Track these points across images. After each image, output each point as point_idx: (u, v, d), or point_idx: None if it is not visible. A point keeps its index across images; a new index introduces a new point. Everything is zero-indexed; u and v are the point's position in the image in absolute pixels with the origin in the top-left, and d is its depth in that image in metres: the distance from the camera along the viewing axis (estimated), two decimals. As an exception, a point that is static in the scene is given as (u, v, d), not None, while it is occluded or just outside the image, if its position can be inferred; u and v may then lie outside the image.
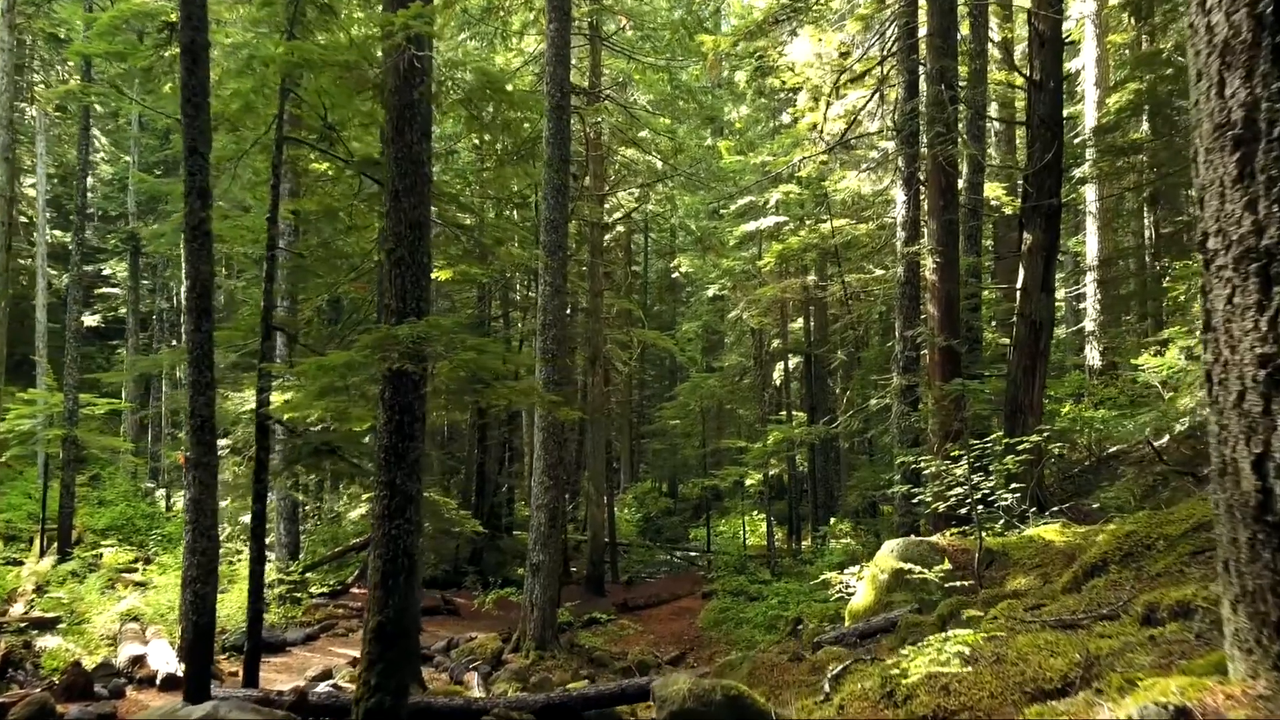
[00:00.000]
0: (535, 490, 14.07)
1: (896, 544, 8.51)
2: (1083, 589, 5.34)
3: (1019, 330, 12.21)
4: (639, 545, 29.75)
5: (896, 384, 12.78)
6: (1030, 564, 7.67)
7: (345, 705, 7.85)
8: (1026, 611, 4.86)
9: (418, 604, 11.12)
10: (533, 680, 13.02)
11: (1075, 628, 3.93)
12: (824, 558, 17.11)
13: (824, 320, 25.48)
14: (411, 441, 6.76)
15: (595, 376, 21.15)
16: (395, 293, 6.80)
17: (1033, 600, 5.36)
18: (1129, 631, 3.43)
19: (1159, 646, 3.05)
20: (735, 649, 15.45)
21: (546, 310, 14.10)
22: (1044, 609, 4.77)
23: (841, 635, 7.66)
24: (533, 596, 13.85)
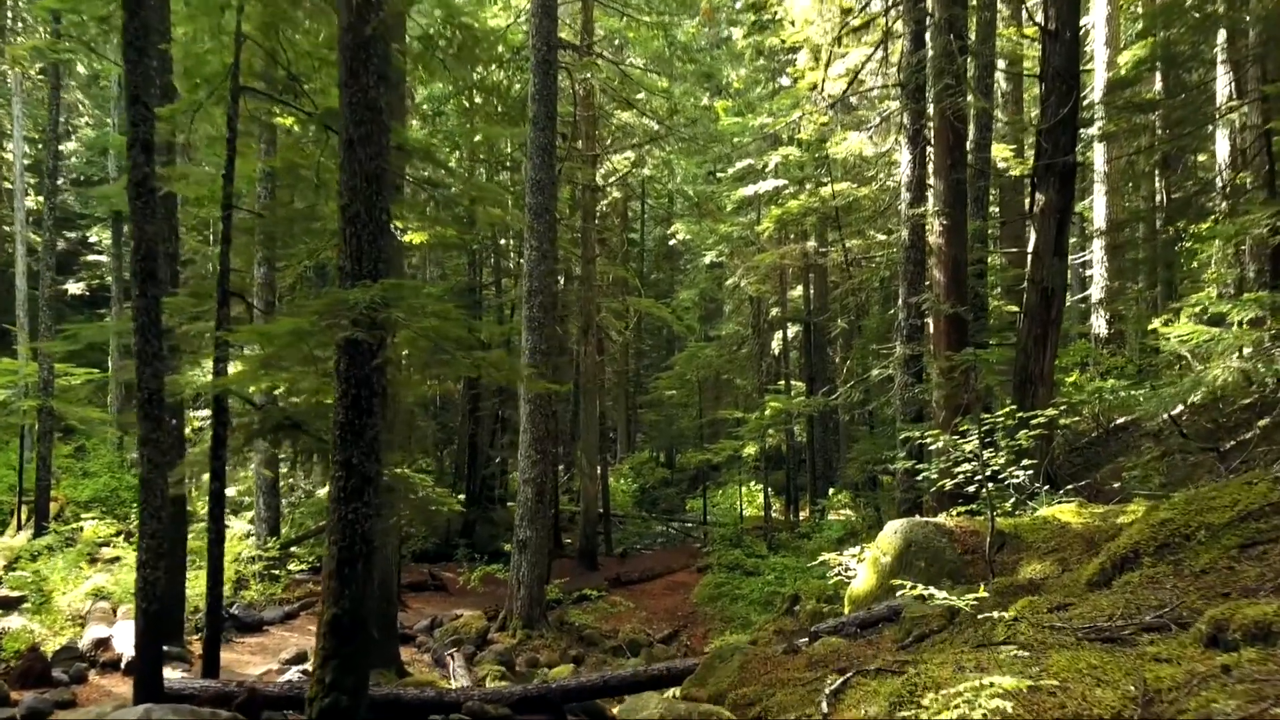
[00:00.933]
0: (523, 464, 13.50)
1: (900, 525, 7.93)
2: (1113, 584, 4.75)
3: (1030, 297, 11.56)
4: (635, 517, 29.29)
5: (899, 354, 12.16)
6: (1045, 548, 7.09)
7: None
8: (1051, 612, 4.27)
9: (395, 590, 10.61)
10: (519, 660, 12.56)
11: (1117, 642, 3.33)
12: (822, 532, 16.60)
13: (824, 288, 24.80)
14: (369, 417, 6.15)
15: (588, 346, 20.52)
16: (349, 253, 6.15)
17: (1056, 597, 4.77)
18: (1191, 654, 2.84)
19: (1239, 683, 2.46)
20: (730, 627, 14.98)
21: (532, 276, 13.45)
22: (1072, 610, 4.18)
23: (841, 624, 7.10)
24: (520, 574, 13.33)
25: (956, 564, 7.38)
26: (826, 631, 7.09)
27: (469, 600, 15.51)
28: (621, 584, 18.42)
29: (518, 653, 12.78)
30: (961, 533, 7.67)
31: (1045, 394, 11.23)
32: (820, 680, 5.58)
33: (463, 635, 12.76)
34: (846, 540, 16.00)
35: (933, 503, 11.09)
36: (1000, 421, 7.54)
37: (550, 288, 13.72)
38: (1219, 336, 7.50)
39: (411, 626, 13.34)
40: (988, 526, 7.68)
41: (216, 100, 8.85)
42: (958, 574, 7.32)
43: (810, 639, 7.02)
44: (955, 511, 8.73)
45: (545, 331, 13.45)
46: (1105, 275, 21.80)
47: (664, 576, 19.53)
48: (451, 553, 22.83)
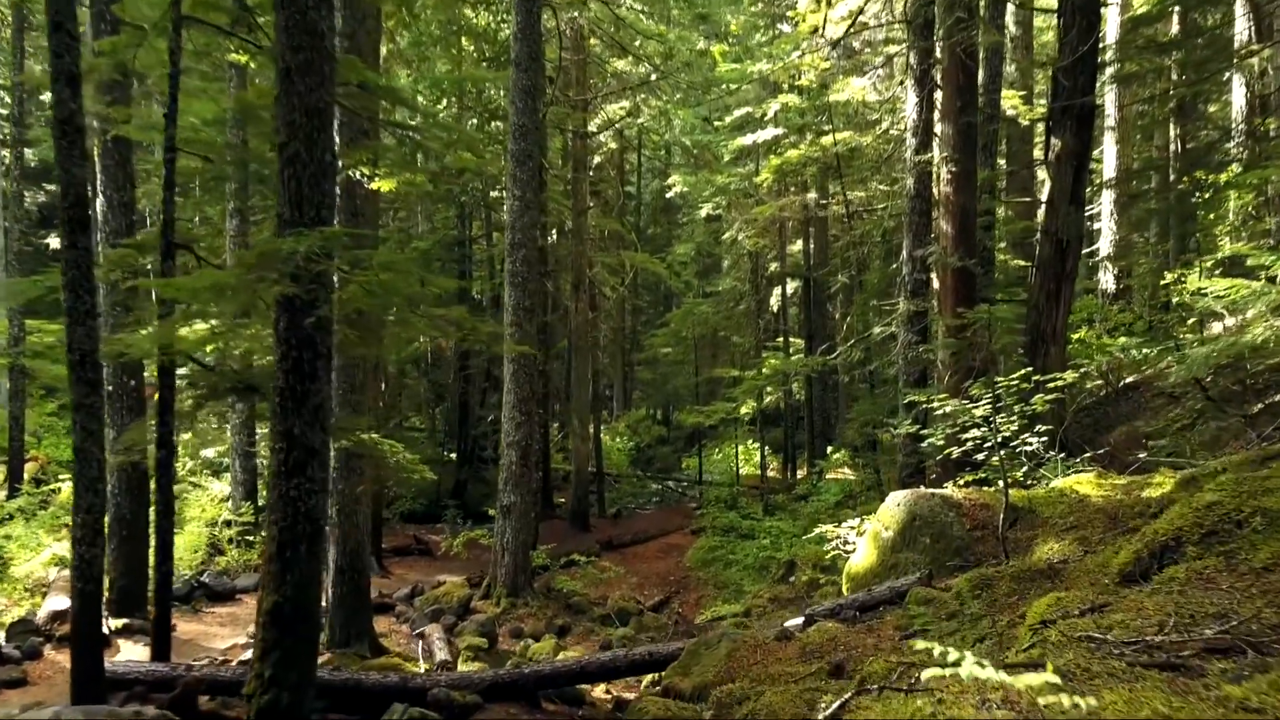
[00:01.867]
0: (506, 426, 12.87)
1: (903, 496, 7.32)
2: (1152, 578, 4.13)
3: (1043, 249, 10.85)
4: (630, 476, 28.80)
5: (903, 310, 11.47)
6: (1063, 524, 6.47)
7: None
8: (1085, 615, 3.64)
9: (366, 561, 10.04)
10: (502, 631, 12.05)
11: (1180, 670, 2.70)
12: (819, 495, 16.05)
13: (824, 241, 24.00)
14: (313, 382, 5.49)
15: (579, 302, 19.81)
16: (288, 198, 5.44)
17: (1087, 593, 4.14)
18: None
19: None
20: (723, 594, 14.48)
21: (515, 228, 12.71)
22: (1110, 614, 3.55)
23: (838, 607, 6.51)
24: (504, 540, 12.78)
25: (964, 541, 6.78)
26: (823, 614, 6.51)
27: (454, 566, 15.01)
28: (613, 547, 17.92)
29: (501, 622, 12.28)
30: (970, 506, 7.06)
31: (1058, 353, 10.58)
32: (816, 679, 4.99)
33: (444, 604, 12.24)
34: (845, 504, 15.46)
35: (937, 469, 10.49)
36: (1014, 384, 6.89)
37: (534, 240, 12.98)
38: (1260, 291, 6.83)
39: (391, 595, 12.82)
40: (999, 499, 7.07)
41: (159, 33, 8.05)
42: (965, 552, 6.73)
43: (805, 623, 6.44)
44: (962, 480, 8.12)
45: (530, 287, 12.74)
46: (1114, 228, 21.04)
47: (657, 539, 19.03)
48: (441, 513, 22.32)
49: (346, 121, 9.77)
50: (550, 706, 7.00)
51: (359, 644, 9.80)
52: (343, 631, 9.79)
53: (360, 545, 9.88)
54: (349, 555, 9.81)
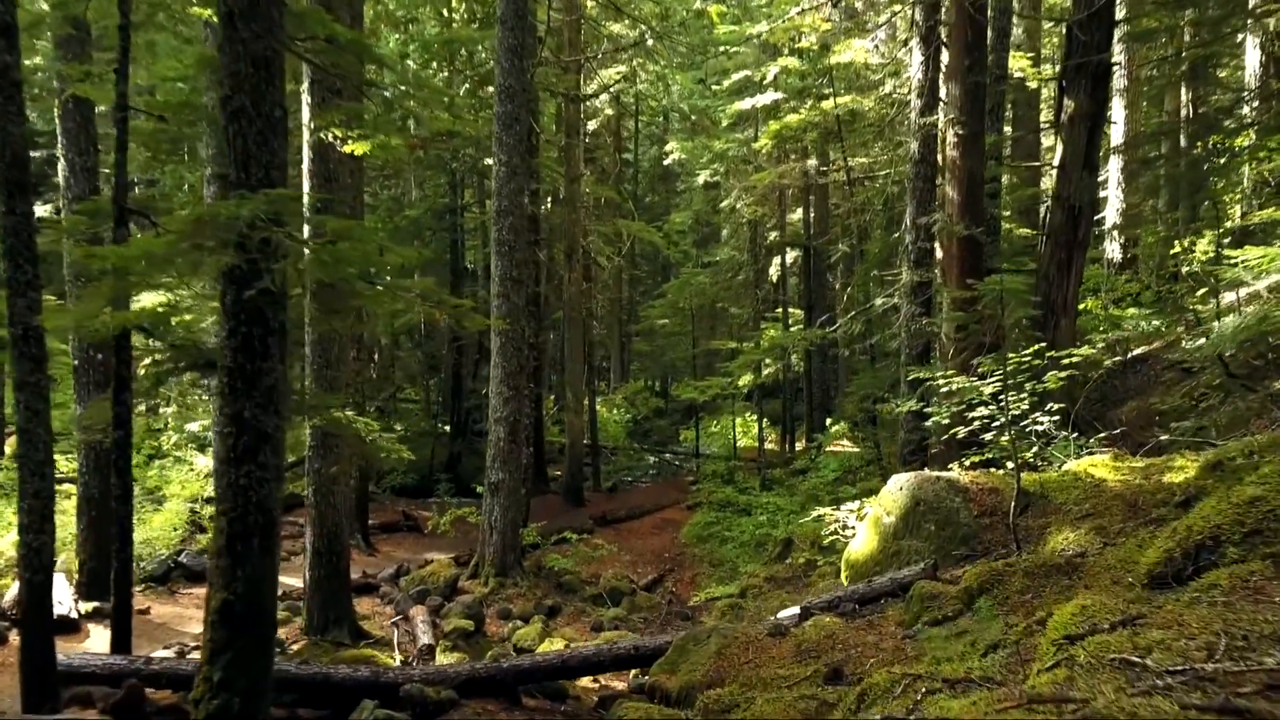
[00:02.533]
0: (494, 402, 12.42)
1: (907, 480, 6.88)
2: (1188, 582, 3.69)
3: (1054, 216, 10.36)
4: (626, 448, 28.45)
5: (906, 280, 10.98)
6: (1078, 512, 6.04)
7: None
8: (1116, 630, 3.20)
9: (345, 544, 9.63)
10: (489, 612, 11.68)
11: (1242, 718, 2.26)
12: (818, 471, 15.65)
13: (825, 210, 23.42)
14: (264, 361, 5.01)
15: (573, 272, 19.29)
16: (234, 158, 4.93)
17: (1114, 600, 3.70)
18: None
19: None
20: (718, 572, 14.12)
21: (502, 194, 12.18)
22: (1147, 631, 3.11)
23: (836, 599, 6.09)
24: (492, 518, 12.38)
25: (971, 528, 6.35)
26: (820, 607, 6.09)
27: (443, 543, 14.64)
28: (607, 523, 17.55)
29: (489, 603, 11.90)
30: (978, 490, 6.62)
31: (1069, 326, 10.12)
32: (812, 684, 4.58)
33: (430, 585, 11.86)
34: (844, 479, 15.06)
35: (940, 446, 10.05)
36: (1027, 360, 6.44)
37: (522, 207, 12.45)
38: (1295, 261, 6.36)
39: (376, 575, 12.44)
40: (1008, 484, 6.64)
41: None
42: (973, 540, 6.30)
43: (801, 615, 6.03)
44: (968, 461, 7.68)
45: (517, 256, 12.23)
46: (1122, 196, 20.49)
47: (652, 514, 18.66)
48: (434, 487, 21.98)
49: (318, 80, 9.24)
50: (530, 702, 6.60)
51: (338, 629, 9.42)
52: (321, 616, 9.41)
53: (338, 526, 9.46)
54: (326, 537, 9.39)
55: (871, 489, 13.81)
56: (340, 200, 9.29)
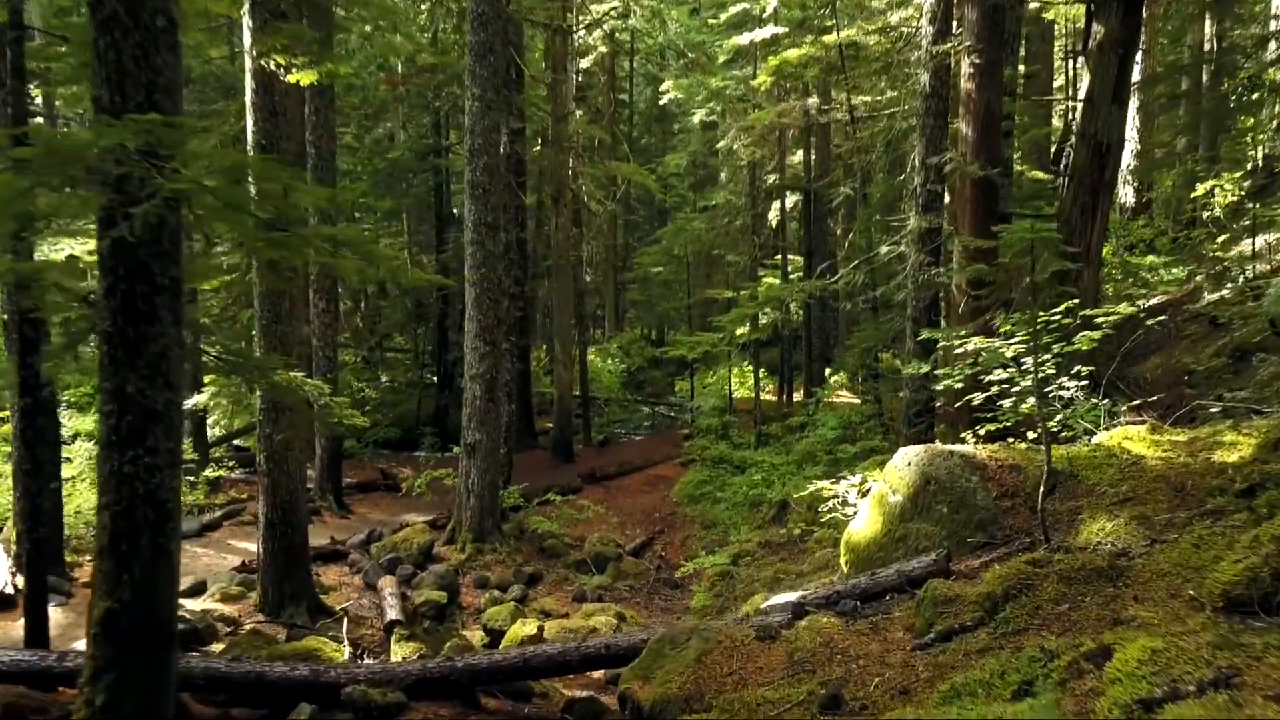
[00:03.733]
0: (469, 358, 11.60)
1: (914, 454, 6.08)
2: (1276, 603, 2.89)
3: (1078, 154, 9.42)
4: (619, 401, 27.69)
5: (913, 226, 10.06)
6: (1114, 495, 5.24)
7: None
8: (1203, 693, 2.40)
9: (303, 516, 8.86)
10: (465, 581, 11.00)
11: None
12: (816, 428, 14.88)
13: (826, 153, 22.31)
14: (150, 325, 4.18)
15: (560, 217, 18.31)
16: (104, 76, 4.02)
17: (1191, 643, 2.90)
18: None
19: None
20: (711, 534, 13.41)
21: (475, 131, 11.21)
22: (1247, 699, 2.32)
23: (835, 595, 5.33)
24: (469, 481, 11.65)
25: (991, 512, 5.56)
26: (816, 603, 5.33)
27: (422, 504, 13.93)
28: (596, 480, 16.84)
29: (466, 570, 11.23)
30: (996, 468, 5.82)
31: (1092, 276, 9.26)
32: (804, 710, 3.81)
33: (402, 552, 11.16)
34: (844, 438, 14.30)
35: (948, 407, 9.24)
36: (1056, 319, 5.59)
37: (497, 145, 11.48)
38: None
39: (345, 541, 11.73)
40: (1031, 460, 5.84)
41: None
42: (991, 525, 5.51)
43: (794, 612, 5.27)
44: (983, 431, 6.87)
45: (493, 200, 11.30)
46: (1137, 138, 19.44)
47: (643, 470, 17.95)
48: (419, 441, 21.26)
49: (259, 1, 8.24)
50: (490, 703, 5.89)
51: (294, 606, 8.72)
52: (276, 592, 8.71)
53: (293, 496, 8.70)
54: (280, 508, 8.64)
55: (873, 448, 13.06)
56: (287, 136, 8.35)
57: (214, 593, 9.00)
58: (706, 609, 10.11)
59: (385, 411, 22.77)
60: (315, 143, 13.04)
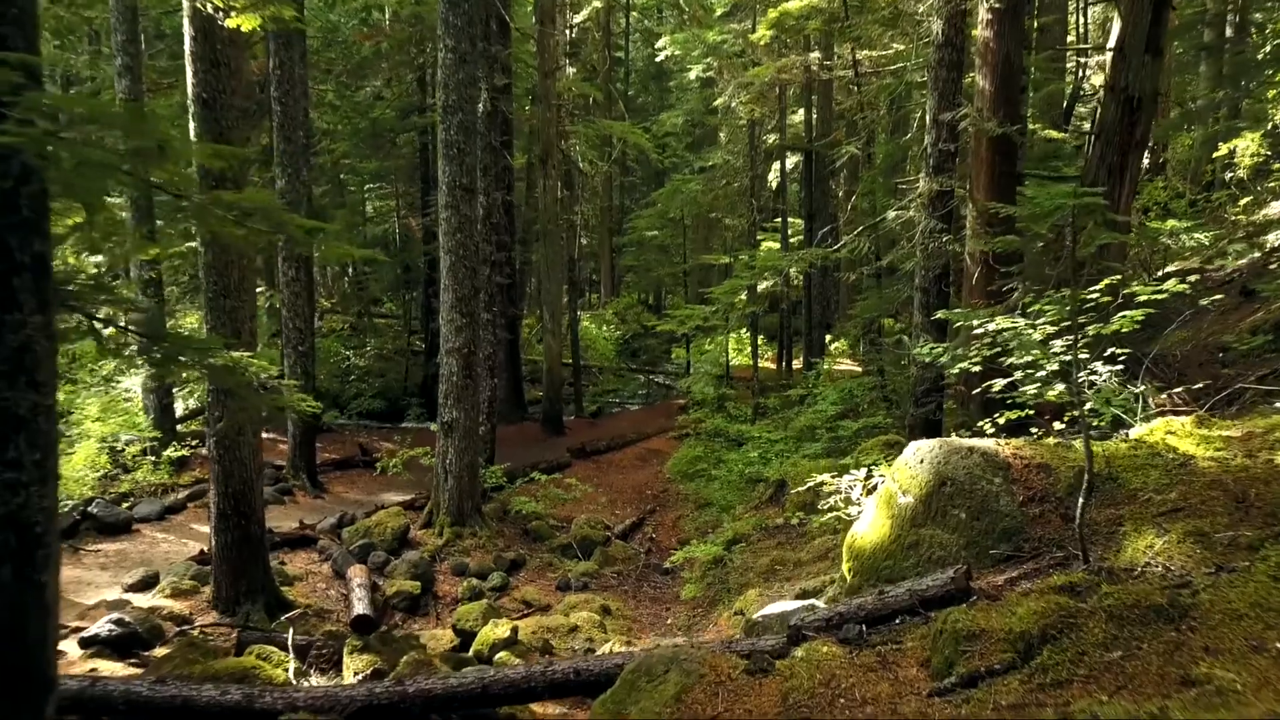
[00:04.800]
0: (444, 330, 10.86)
1: (928, 450, 5.36)
2: None
3: (1106, 110, 8.60)
4: (614, 369, 26.96)
5: (924, 189, 9.27)
6: (1161, 503, 4.53)
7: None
8: None
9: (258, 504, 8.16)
10: (442, 568, 10.37)
11: None
12: (816, 404, 14.17)
13: (829, 111, 21.35)
14: (8, 312, 3.42)
15: (548, 179, 17.44)
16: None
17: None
18: None
19: None
20: (704, 516, 12.73)
21: (449, 86, 10.36)
22: None
23: (836, 616, 4.63)
24: (446, 461, 10.96)
25: (1016, 520, 4.85)
26: (816, 626, 4.63)
27: (401, 482, 13.26)
28: (587, 454, 16.18)
29: (443, 556, 10.58)
30: (1022, 467, 5.10)
31: (1119, 245, 8.46)
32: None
33: (375, 537, 10.50)
34: (846, 414, 13.60)
35: (960, 386, 8.51)
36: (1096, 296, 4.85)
37: (473, 101, 10.63)
38: None
39: (315, 525, 11.06)
40: (1064, 459, 5.12)
41: None
42: (1017, 536, 4.81)
43: (790, 638, 4.58)
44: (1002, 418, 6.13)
45: (468, 161, 10.48)
46: (1153, 95, 18.43)
47: (636, 444, 17.30)
48: (403, 413, 20.58)
49: (196, -65, 7.39)
50: (448, 730, 5.23)
51: (251, 603, 8.07)
52: (230, 588, 8.04)
53: (246, 484, 8.00)
54: (232, 497, 7.94)
55: (876, 424, 12.36)
56: (232, 90, 7.53)
57: (165, 587, 8.34)
58: (697, 601, 9.48)
59: (371, 381, 22.09)
60: (281, 99, 12.19)
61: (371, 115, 19.29)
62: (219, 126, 7.48)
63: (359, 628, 8.62)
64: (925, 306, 9.34)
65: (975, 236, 8.68)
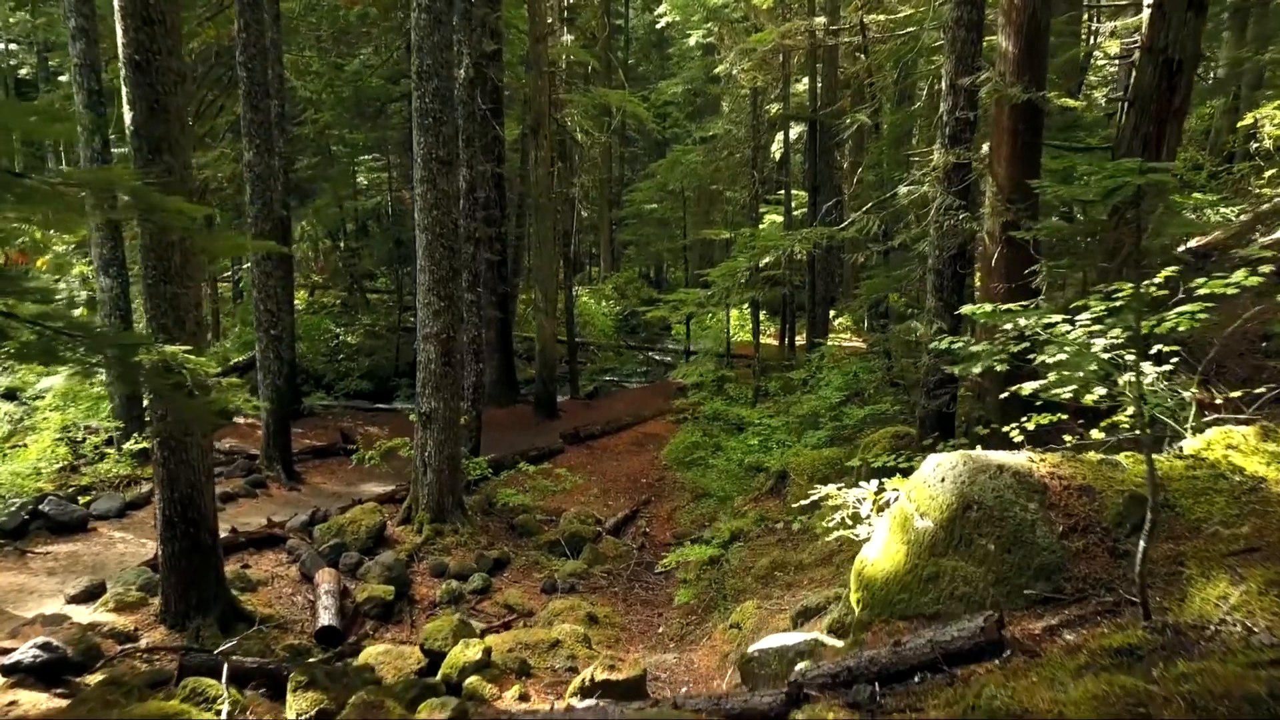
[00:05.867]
0: (421, 315, 10.13)
1: (950, 465, 4.63)
2: None
3: (1142, 74, 7.79)
4: (614, 345, 26.20)
5: (940, 161, 8.47)
6: (1231, 539, 3.81)
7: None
8: None
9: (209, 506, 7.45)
10: (420, 568, 9.73)
11: None
12: (819, 389, 13.43)
13: (834, 79, 20.42)
14: None
15: (539, 150, 16.60)
16: None
17: None
18: None
19: None
20: (701, 508, 12.03)
21: (422, 50, 9.55)
22: None
23: (844, 672, 3.93)
24: (425, 454, 10.27)
25: (1056, 555, 4.13)
26: (819, 683, 3.94)
27: (381, 473, 12.56)
28: (580, 439, 15.51)
29: (422, 555, 9.92)
30: (1061, 490, 4.37)
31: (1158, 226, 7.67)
32: None
33: (349, 536, 9.83)
34: (850, 399, 12.87)
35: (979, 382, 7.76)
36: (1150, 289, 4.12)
37: (449, 66, 9.80)
38: None
39: (286, 522, 10.38)
40: (1111, 480, 4.39)
41: None
42: (1057, 574, 4.09)
43: (790, 698, 3.89)
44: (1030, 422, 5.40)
45: (445, 131, 9.68)
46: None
47: (632, 428, 16.63)
48: (391, 393, 19.86)
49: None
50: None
51: (203, 616, 7.41)
52: (179, 602, 7.38)
53: (195, 488, 7.30)
54: (179, 502, 7.25)
55: (883, 413, 11.63)
56: (169, 51, 6.74)
57: (110, 599, 7.67)
58: (691, 607, 8.82)
59: (360, 360, 21.38)
60: (246, 64, 11.36)
61: (355, 83, 18.39)
62: (154, 92, 6.71)
63: (324, 640, 8.00)
64: (939, 290, 8.57)
65: (995, 214, 7.90)
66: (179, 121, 6.96)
